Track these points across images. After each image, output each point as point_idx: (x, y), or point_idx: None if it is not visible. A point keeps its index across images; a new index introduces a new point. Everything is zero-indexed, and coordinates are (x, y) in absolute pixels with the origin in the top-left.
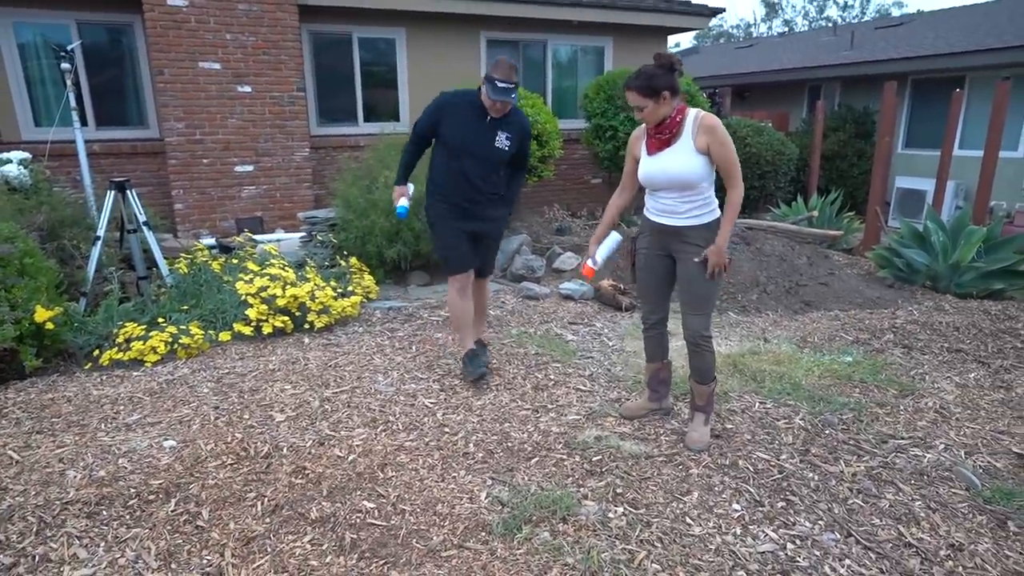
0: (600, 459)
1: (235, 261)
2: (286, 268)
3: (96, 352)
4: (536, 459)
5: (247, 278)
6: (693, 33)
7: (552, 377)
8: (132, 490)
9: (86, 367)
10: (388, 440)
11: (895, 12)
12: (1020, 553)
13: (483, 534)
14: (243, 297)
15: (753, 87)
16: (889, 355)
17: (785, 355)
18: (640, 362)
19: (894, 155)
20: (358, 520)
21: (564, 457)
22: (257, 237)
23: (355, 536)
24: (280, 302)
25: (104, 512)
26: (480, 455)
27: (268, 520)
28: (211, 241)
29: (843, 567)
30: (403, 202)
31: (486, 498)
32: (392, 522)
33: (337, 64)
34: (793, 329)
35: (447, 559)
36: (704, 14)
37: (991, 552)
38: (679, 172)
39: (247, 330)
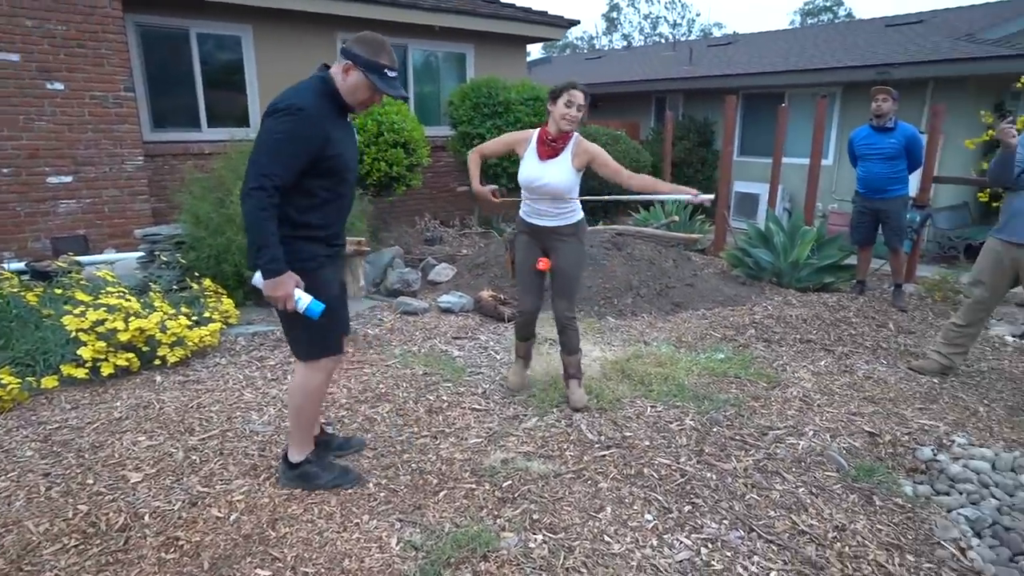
0: (510, 484)
1: (59, 291)
2: (127, 296)
3: None
4: (444, 492)
5: (77, 311)
6: (541, 44)
7: (445, 398)
8: None
9: None
10: (274, 490)
11: (716, 32)
12: (888, 526)
13: None
14: (73, 334)
15: (604, 97)
16: (754, 349)
17: (666, 356)
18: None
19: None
20: None
21: (473, 486)
22: (82, 259)
23: None
24: (123, 337)
25: None
26: (383, 495)
27: None
28: (21, 266)
29: (753, 564)
30: (304, 296)
31: (397, 544)
32: None
33: (173, 63)
34: (668, 330)
35: None
36: (561, 24)
37: (868, 529)
38: (557, 183)
39: (80, 373)
